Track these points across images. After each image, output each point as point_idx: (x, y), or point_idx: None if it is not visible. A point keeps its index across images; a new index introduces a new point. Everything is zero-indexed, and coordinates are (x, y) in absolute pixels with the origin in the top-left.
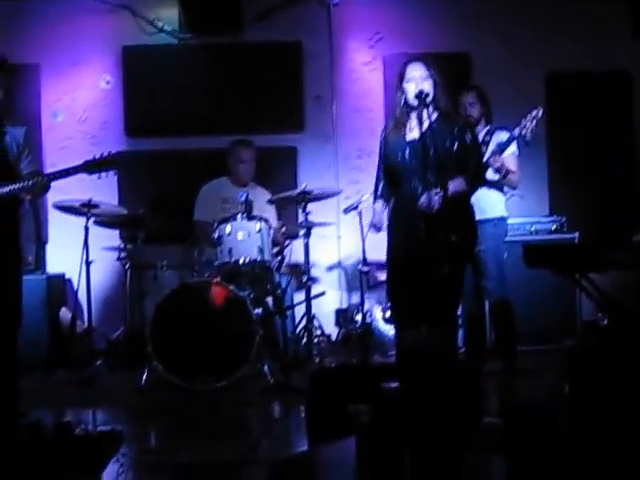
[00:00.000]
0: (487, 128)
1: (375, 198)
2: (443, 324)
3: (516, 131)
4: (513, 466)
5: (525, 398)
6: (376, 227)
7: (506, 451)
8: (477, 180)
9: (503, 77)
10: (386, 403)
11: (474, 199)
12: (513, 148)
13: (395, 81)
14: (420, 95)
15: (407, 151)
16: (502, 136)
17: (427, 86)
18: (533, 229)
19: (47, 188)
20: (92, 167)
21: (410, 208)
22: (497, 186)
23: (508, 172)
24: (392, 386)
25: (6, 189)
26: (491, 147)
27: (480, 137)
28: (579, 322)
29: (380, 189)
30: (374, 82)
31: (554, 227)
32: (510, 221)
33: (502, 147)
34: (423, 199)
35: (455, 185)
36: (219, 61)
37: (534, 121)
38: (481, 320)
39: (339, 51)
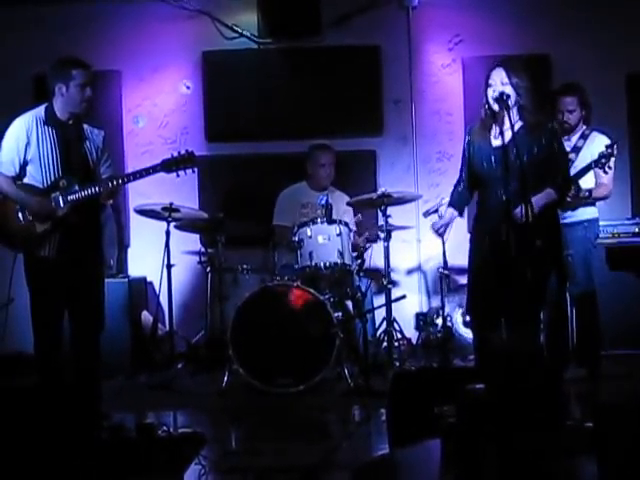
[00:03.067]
0: (581, 131)
1: (448, 203)
2: (524, 327)
3: (592, 163)
4: (602, 468)
5: (613, 401)
6: (436, 232)
7: (594, 454)
8: (566, 188)
9: (584, 79)
10: (471, 404)
11: None
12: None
13: (483, 85)
14: (501, 97)
15: (492, 158)
16: (597, 141)
17: (507, 91)
18: (616, 232)
19: (118, 190)
20: (170, 165)
21: (495, 216)
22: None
23: (590, 193)
24: (477, 387)
25: (86, 192)
26: (585, 151)
27: (572, 142)
28: None
29: (455, 196)
30: (453, 85)
31: (636, 229)
32: None
33: (578, 176)
34: (518, 211)
35: (544, 197)
36: (298, 65)
37: (610, 158)
38: (564, 326)
39: (418, 54)
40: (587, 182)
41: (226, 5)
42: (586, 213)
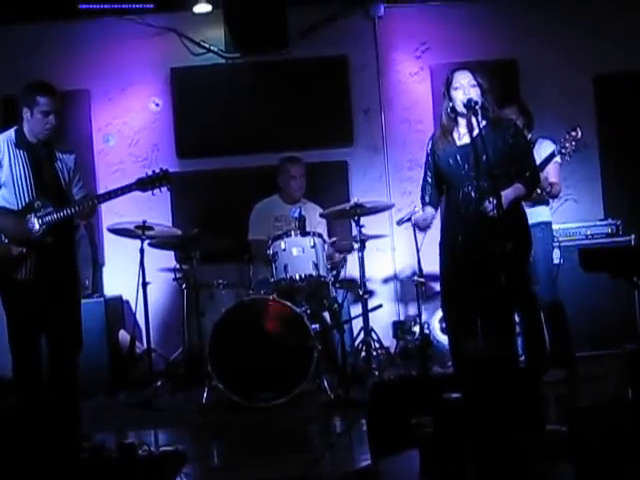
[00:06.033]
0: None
1: (423, 205)
2: (501, 332)
3: (556, 149)
4: (578, 473)
5: (588, 404)
6: (420, 227)
7: (571, 458)
8: (534, 182)
9: (551, 82)
10: (448, 414)
11: None
12: (556, 158)
13: (442, 89)
14: (469, 104)
15: (458, 156)
16: (544, 146)
17: (474, 93)
18: (589, 233)
19: (95, 209)
20: (145, 184)
21: (464, 214)
22: (540, 201)
23: (551, 187)
24: (454, 397)
25: (61, 213)
26: None
27: None
28: (639, 325)
29: (428, 197)
30: (422, 92)
31: (609, 231)
32: (565, 226)
33: (542, 165)
34: (487, 204)
35: (513, 192)
36: (267, 79)
37: (573, 142)
38: (538, 329)
39: (386, 63)
40: None
41: (193, 21)
42: (541, 215)
